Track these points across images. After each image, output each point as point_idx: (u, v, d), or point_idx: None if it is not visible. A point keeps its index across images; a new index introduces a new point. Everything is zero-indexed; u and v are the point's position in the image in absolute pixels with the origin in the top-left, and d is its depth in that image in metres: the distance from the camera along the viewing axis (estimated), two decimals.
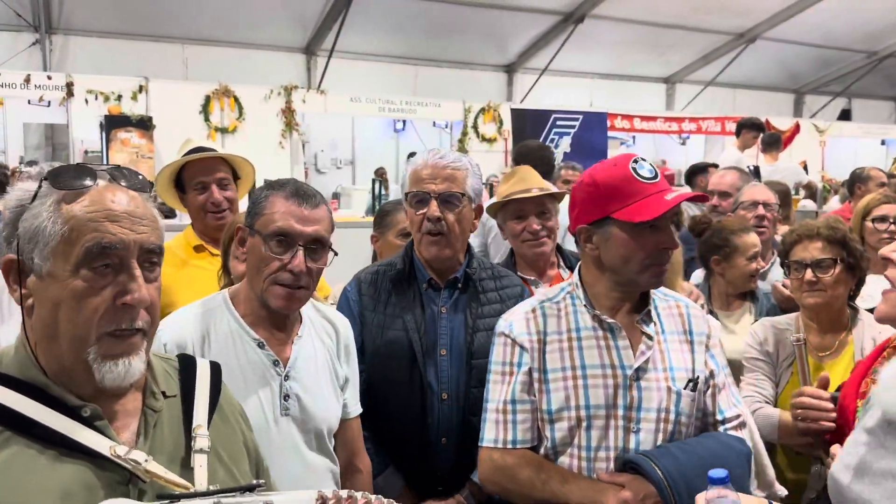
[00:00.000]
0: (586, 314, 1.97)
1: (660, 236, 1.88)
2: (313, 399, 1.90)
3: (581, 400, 1.90)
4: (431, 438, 2.32)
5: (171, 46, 11.96)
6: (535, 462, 1.93)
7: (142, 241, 1.23)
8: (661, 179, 1.90)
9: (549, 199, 3.01)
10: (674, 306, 2.04)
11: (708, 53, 14.81)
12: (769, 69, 15.58)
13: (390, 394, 2.32)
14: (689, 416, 1.93)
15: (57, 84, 10.25)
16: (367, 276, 2.44)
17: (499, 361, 2.01)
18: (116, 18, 11.20)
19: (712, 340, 2.03)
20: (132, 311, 1.22)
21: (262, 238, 1.79)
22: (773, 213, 3.55)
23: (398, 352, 2.30)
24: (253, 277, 1.84)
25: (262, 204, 1.82)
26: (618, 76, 15.26)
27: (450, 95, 12.95)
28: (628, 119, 13.78)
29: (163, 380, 1.38)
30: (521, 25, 13.08)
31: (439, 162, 2.32)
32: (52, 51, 11.27)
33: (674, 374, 1.93)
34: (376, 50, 13.12)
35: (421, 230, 2.32)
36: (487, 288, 2.42)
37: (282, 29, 12.25)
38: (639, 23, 13.13)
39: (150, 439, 1.28)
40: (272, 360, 1.85)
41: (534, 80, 14.23)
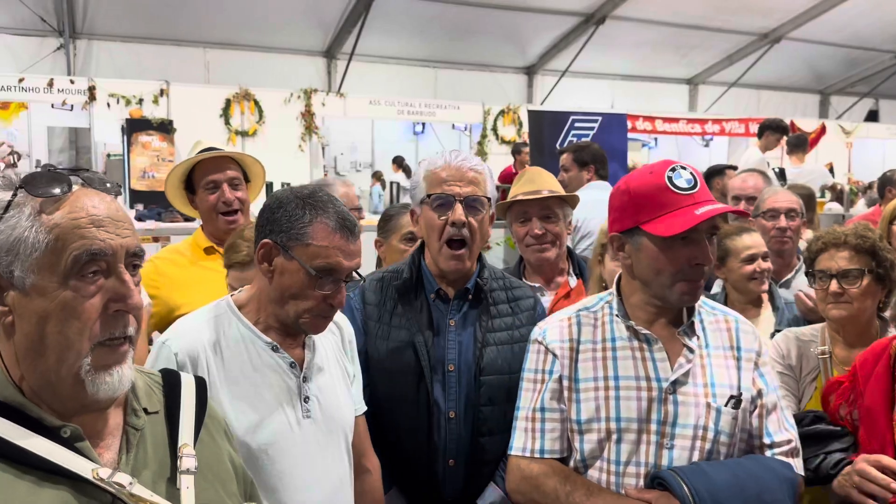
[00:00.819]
0: (622, 325, 1.90)
1: (692, 250, 1.78)
2: (331, 399, 1.85)
3: (612, 412, 1.83)
4: (438, 460, 2.19)
5: (193, 50, 12.05)
6: (561, 473, 1.87)
7: (127, 244, 1.20)
8: (701, 190, 1.79)
9: (557, 203, 2.88)
10: (722, 320, 1.95)
11: (731, 54, 14.65)
12: (794, 70, 15.38)
13: (394, 411, 2.20)
14: (729, 435, 1.83)
15: (79, 88, 10.34)
16: (371, 284, 2.29)
17: (531, 368, 1.96)
18: (139, 23, 11.31)
19: (763, 358, 1.92)
20: (125, 318, 1.19)
21: (304, 269, 1.69)
22: (797, 220, 3.39)
23: (403, 366, 2.17)
24: (284, 301, 1.73)
25: (305, 229, 1.69)
26: (640, 77, 15.14)
27: (470, 98, 12.91)
28: (650, 120, 13.65)
29: (144, 395, 1.33)
30: (541, 27, 13.01)
31: (463, 164, 2.19)
32: (75, 55, 11.39)
33: (714, 390, 1.83)
34: (396, 52, 13.12)
35: (442, 237, 2.16)
36: (499, 300, 2.29)
37: (302, 32, 12.29)
38: (661, 23, 13.01)
39: (133, 459, 1.24)
40: (289, 362, 1.78)
41: (554, 82, 14.16)
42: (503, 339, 2.23)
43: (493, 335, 2.22)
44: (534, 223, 2.85)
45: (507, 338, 2.24)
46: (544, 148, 6.54)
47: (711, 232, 1.81)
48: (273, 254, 1.72)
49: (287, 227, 1.70)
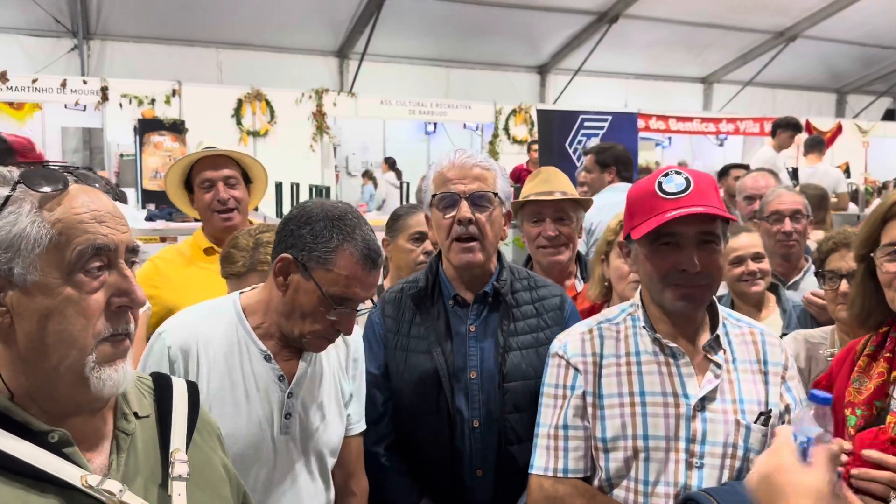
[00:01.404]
0: (647, 337, 1.83)
1: (677, 256, 1.73)
2: (316, 420, 1.80)
3: (639, 429, 1.77)
4: (465, 471, 2.12)
5: (206, 50, 12.10)
6: (587, 493, 1.81)
7: (127, 240, 1.19)
8: (691, 195, 1.72)
9: (571, 205, 2.84)
10: (747, 333, 1.88)
11: (746, 53, 14.54)
12: (810, 68, 15.24)
13: (417, 422, 2.14)
14: (759, 452, 1.70)
15: (92, 88, 10.41)
16: (390, 296, 2.25)
17: (551, 384, 1.88)
18: (153, 23, 11.37)
19: (790, 372, 1.85)
20: (126, 314, 1.18)
21: (320, 293, 1.65)
22: (802, 222, 3.30)
23: (423, 377, 2.11)
24: (293, 317, 1.70)
25: (330, 255, 1.65)
26: (653, 76, 15.06)
27: (482, 97, 12.88)
28: (664, 120, 13.56)
29: (135, 399, 1.30)
30: (553, 26, 12.97)
31: (467, 161, 2.14)
32: (89, 56, 11.47)
33: (743, 407, 1.77)
34: (408, 52, 13.12)
35: (450, 236, 2.11)
36: (522, 301, 2.20)
37: (314, 33, 12.32)
38: (675, 22, 12.93)
39: (124, 464, 1.21)
40: (278, 374, 1.75)
41: (567, 82, 14.11)
42: (527, 342, 2.15)
43: (515, 339, 2.14)
44: (547, 224, 2.80)
45: (532, 341, 2.16)
46: (553, 147, 6.50)
47: (704, 238, 1.73)
48: (291, 270, 1.67)
49: (311, 246, 1.65)
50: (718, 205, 1.74)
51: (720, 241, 1.76)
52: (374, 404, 2.15)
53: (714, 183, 1.81)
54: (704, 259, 1.73)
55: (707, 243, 1.74)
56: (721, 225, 1.77)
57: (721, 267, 1.79)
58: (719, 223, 1.76)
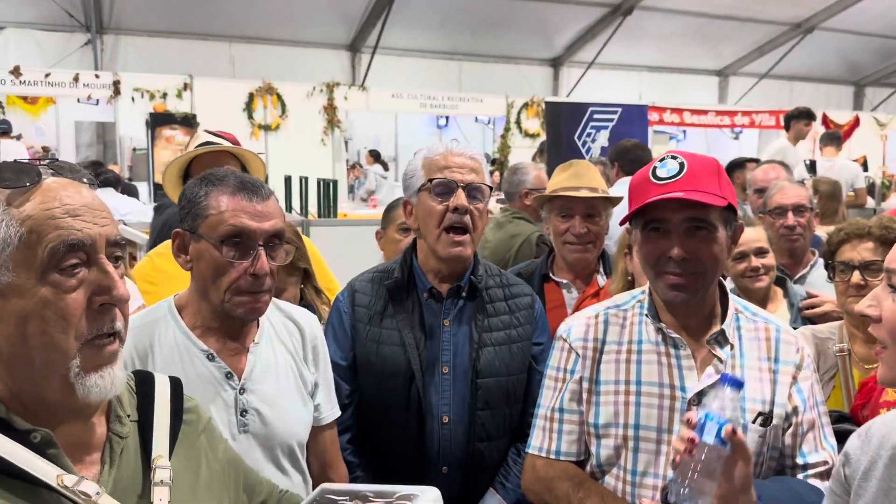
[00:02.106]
0: (651, 326, 1.79)
1: (666, 242, 1.68)
2: (276, 412, 1.73)
3: (630, 418, 1.75)
4: (431, 467, 2.09)
5: (219, 44, 12.13)
6: (576, 477, 1.79)
7: (107, 234, 1.12)
8: (682, 180, 1.66)
9: (601, 203, 2.76)
10: (762, 328, 1.80)
11: (762, 45, 14.39)
12: (827, 60, 15.06)
13: (385, 416, 2.10)
14: (756, 453, 1.69)
15: (104, 83, 10.46)
16: (361, 285, 2.20)
17: (554, 366, 1.88)
18: (165, 17, 11.41)
19: (804, 372, 1.77)
20: (111, 312, 1.12)
21: (212, 243, 1.60)
22: (806, 215, 3.18)
23: (394, 369, 2.07)
24: (207, 288, 1.64)
25: (203, 203, 1.62)
26: (668, 69, 14.93)
27: (494, 91, 12.82)
28: (678, 113, 13.43)
29: (127, 401, 1.25)
30: (567, 18, 12.88)
31: (465, 151, 2.10)
32: (103, 50, 11.52)
33: (743, 405, 1.71)
34: (420, 46, 13.08)
35: (442, 224, 2.04)
36: (495, 297, 2.17)
37: (327, 26, 12.30)
38: (690, 14, 12.81)
39: (117, 469, 1.16)
40: (224, 372, 1.67)
41: (580, 74, 14.01)
42: (500, 339, 2.13)
43: (489, 335, 2.12)
44: (577, 221, 2.73)
45: (505, 338, 2.13)
46: (562, 140, 6.43)
47: (693, 225, 1.67)
48: (186, 241, 1.65)
49: (188, 208, 1.64)
50: (716, 192, 1.67)
51: (715, 230, 1.68)
52: (339, 395, 2.10)
53: (715, 169, 1.73)
54: (692, 246, 1.67)
55: (697, 230, 1.67)
56: (720, 212, 1.69)
57: (716, 256, 1.69)
58: (717, 210, 1.68)
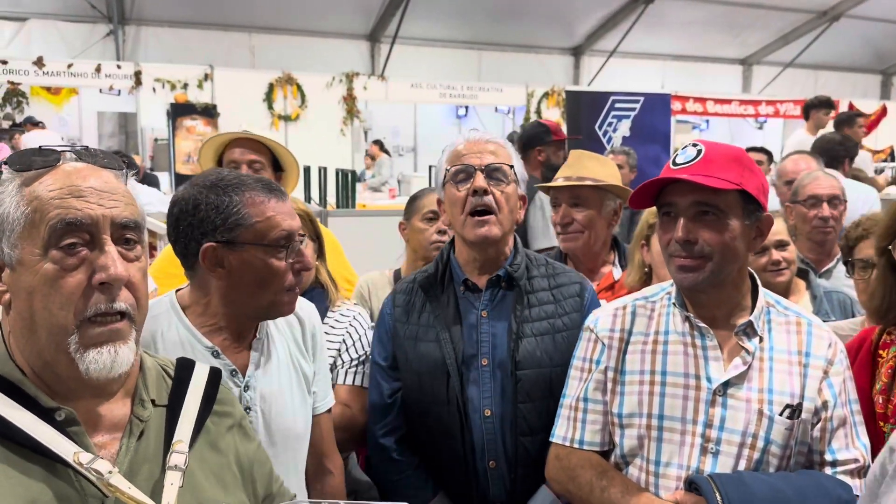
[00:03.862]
0: (678, 316, 1.79)
1: (674, 226, 1.70)
2: (278, 408, 1.74)
3: (655, 408, 1.74)
4: (477, 462, 2.05)
5: (239, 35, 12.15)
6: (599, 467, 1.80)
7: (112, 215, 1.15)
8: (695, 165, 1.67)
9: (591, 191, 2.71)
10: (793, 322, 1.78)
11: (787, 33, 14.18)
12: (854, 49, 14.80)
13: (427, 413, 2.08)
14: (782, 446, 1.69)
15: (126, 73, 10.54)
16: (402, 285, 2.21)
17: (580, 356, 1.90)
18: (187, 8, 11.45)
19: (835, 368, 1.74)
20: (111, 291, 1.14)
21: (262, 249, 1.59)
22: (840, 207, 3.12)
23: (432, 365, 2.05)
24: (252, 293, 1.63)
25: (241, 212, 1.59)
26: (691, 58, 14.76)
27: (514, 80, 12.75)
28: (701, 102, 13.27)
29: (155, 386, 1.29)
30: (588, 6, 12.77)
31: (482, 137, 2.10)
32: (124, 41, 11.59)
33: (771, 397, 1.69)
34: (440, 35, 13.03)
35: (465, 210, 2.02)
36: (538, 287, 2.12)
37: (346, 16, 12.28)
38: (713, 1, 12.66)
39: (134, 451, 1.20)
40: (230, 370, 1.66)
41: (602, 63, 13.89)
42: (542, 328, 2.07)
43: (530, 325, 2.07)
44: (562, 210, 2.73)
45: (548, 327, 2.07)
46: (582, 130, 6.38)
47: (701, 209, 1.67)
48: (220, 255, 1.61)
49: (220, 221, 1.59)
50: (731, 178, 1.66)
51: (726, 216, 1.67)
52: (382, 395, 2.12)
53: (736, 158, 1.71)
54: (698, 231, 1.67)
55: (705, 214, 1.67)
56: (737, 200, 1.68)
57: (725, 242, 1.67)
58: (732, 197, 1.67)
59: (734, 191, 1.66)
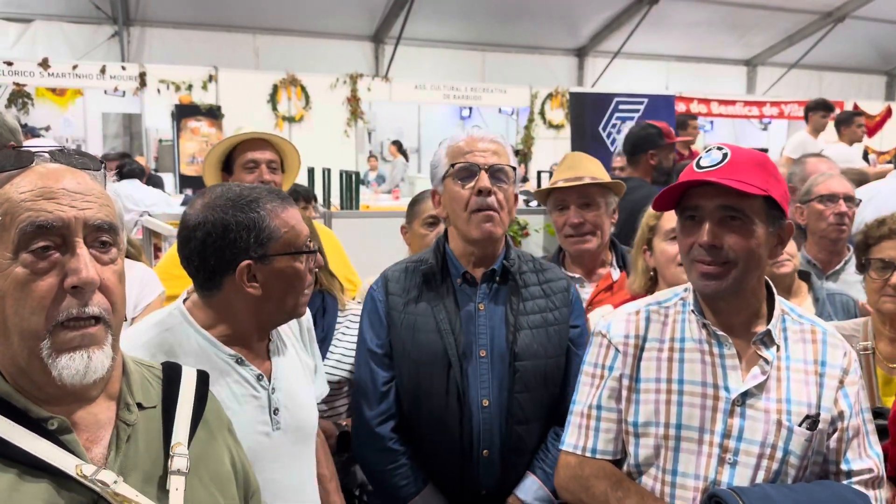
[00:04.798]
0: (694, 323, 1.75)
1: (699, 230, 1.65)
2: (299, 405, 1.78)
3: (672, 417, 1.70)
4: (472, 451, 2.09)
5: (243, 36, 12.18)
6: (613, 477, 1.76)
7: (86, 217, 1.12)
8: (721, 168, 1.63)
9: (598, 191, 2.74)
10: (808, 331, 1.76)
11: (792, 34, 14.15)
12: (859, 49, 14.77)
13: (424, 402, 2.10)
14: (800, 457, 1.67)
15: (130, 74, 10.56)
16: (394, 274, 2.22)
17: (591, 362, 1.84)
18: (191, 10, 11.48)
19: (850, 377, 1.72)
20: (83, 295, 1.11)
21: (291, 255, 1.65)
22: (854, 209, 3.06)
23: (431, 355, 2.08)
24: (282, 299, 1.68)
25: (269, 225, 1.64)
26: (695, 59, 14.74)
27: (519, 81, 12.75)
28: (705, 103, 13.27)
29: (139, 389, 1.26)
30: (592, 7, 12.76)
31: (484, 135, 2.12)
32: (129, 42, 11.62)
33: (789, 407, 1.67)
34: (444, 36, 13.03)
35: (468, 207, 2.06)
36: (530, 282, 2.17)
37: (350, 17, 12.30)
38: (718, 2, 12.64)
39: (122, 455, 1.17)
40: (255, 375, 1.70)
41: (606, 64, 13.88)
42: (537, 322, 2.12)
43: (525, 318, 2.11)
44: (572, 212, 2.72)
45: (541, 321, 2.13)
46: (586, 131, 6.36)
47: (727, 213, 1.63)
48: (254, 270, 1.64)
49: (253, 239, 1.62)
50: (758, 184, 1.63)
51: (752, 222, 1.64)
52: (376, 383, 2.13)
53: (761, 162, 1.69)
54: (724, 235, 1.63)
55: (732, 219, 1.64)
56: (761, 205, 1.65)
57: (751, 248, 1.64)
58: (757, 203, 1.64)
59: (760, 197, 1.64)
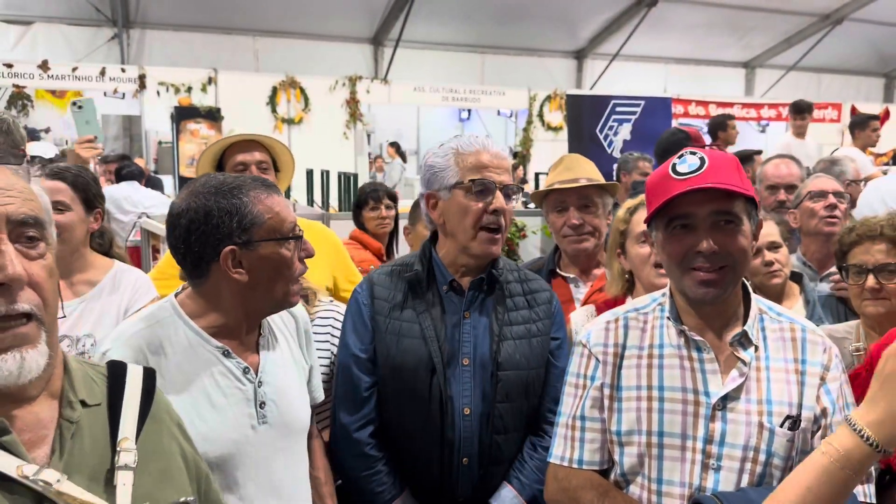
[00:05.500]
0: (672, 329, 1.75)
1: (692, 237, 1.64)
2: (288, 401, 1.79)
3: (654, 425, 1.71)
4: (452, 459, 2.09)
5: (243, 38, 12.20)
6: (600, 487, 1.76)
7: (8, 212, 1.09)
8: (704, 173, 1.63)
9: (595, 192, 2.77)
10: (787, 329, 1.75)
11: (791, 36, 14.18)
12: (857, 52, 14.80)
13: (405, 409, 2.11)
14: (784, 458, 1.66)
15: (130, 76, 10.58)
16: (379, 278, 2.21)
17: (574, 372, 1.84)
18: (191, 12, 11.49)
19: (832, 373, 1.71)
20: (10, 293, 1.08)
21: (276, 243, 1.67)
22: (845, 205, 3.09)
23: (415, 362, 2.07)
24: (270, 287, 1.70)
25: (253, 211, 1.65)
26: (694, 61, 14.76)
27: (517, 84, 12.77)
28: (703, 105, 13.29)
29: (83, 386, 1.23)
30: (591, 9, 12.79)
31: (500, 151, 2.14)
32: (129, 44, 11.64)
33: (770, 409, 1.67)
34: (443, 39, 13.06)
35: (478, 223, 2.08)
36: (514, 292, 2.18)
37: (350, 20, 12.33)
38: (716, 5, 12.67)
39: (68, 454, 1.15)
40: (241, 368, 1.71)
41: (604, 67, 13.91)
42: (520, 332, 2.14)
43: (509, 328, 2.13)
44: (571, 213, 2.75)
45: (525, 332, 2.14)
46: (583, 133, 6.38)
47: (720, 218, 1.64)
48: (238, 256, 1.66)
49: (235, 224, 1.64)
50: (738, 184, 1.64)
51: (741, 222, 1.65)
52: (358, 388, 2.13)
53: (736, 164, 1.70)
54: (721, 240, 1.63)
55: (725, 224, 1.64)
56: (744, 205, 1.67)
57: (745, 249, 1.66)
58: (741, 203, 1.66)
59: (742, 196, 1.66)
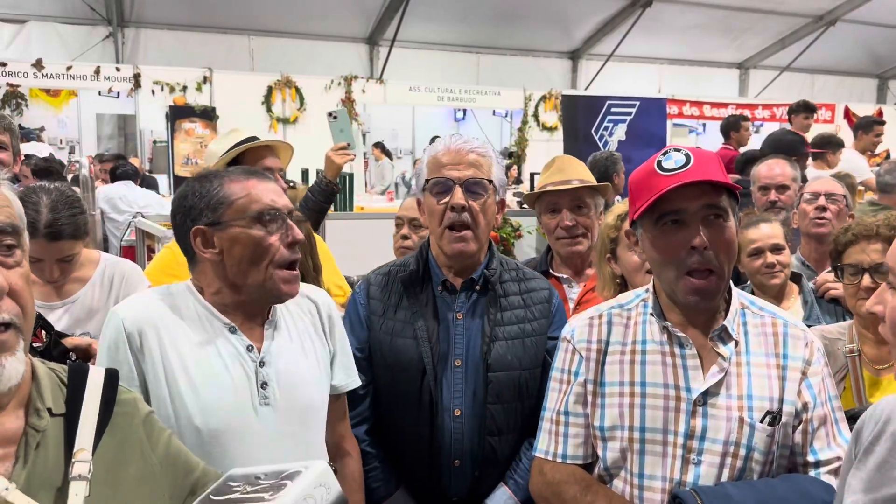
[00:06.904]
0: (655, 325, 1.75)
1: (685, 234, 1.63)
2: (295, 385, 1.77)
3: (636, 420, 1.72)
4: (443, 460, 2.10)
5: (238, 38, 12.18)
6: (583, 481, 1.78)
7: None
8: (691, 169, 1.63)
9: (588, 193, 2.79)
10: (769, 323, 1.76)
11: (784, 37, 14.22)
12: (850, 53, 14.84)
13: (397, 409, 2.12)
14: (765, 453, 1.68)
15: (125, 76, 10.56)
16: (377, 278, 2.22)
17: (559, 368, 1.86)
18: (185, 11, 11.47)
19: (813, 367, 1.72)
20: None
21: (246, 224, 1.66)
22: (839, 205, 3.14)
23: (407, 362, 2.08)
24: (246, 271, 1.69)
25: (221, 193, 1.68)
26: (688, 62, 14.80)
27: (513, 84, 12.79)
28: (697, 106, 13.33)
29: (50, 394, 1.22)
30: (586, 10, 12.81)
31: (463, 146, 2.09)
32: (124, 43, 11.61)
33: (751, 404, 1.68)
34: (438, 39, 13.06)
35: (443, 223, 2.07)
36: (510, 291, 2.16)
37: (345, 19, 12.31)
38: (711, 5, 12.69)
39: (31, 464, 1.14)
40: (245, 345, 1.72)
41: (599, 67, 13.93)
42: (513, 332, 2.12)
43: (502, 329, 2.11)
44: (564, 214, 2.76)
45: (518, 332, 2.13)
46: (578, 133, 6.40)
47: (711, 212, 1.64)
48: (208, 235, 1.69)
49: (204, 205, 1.68)
50: (724, 178, 1.66)
51: (728, 217, 1.67)
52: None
53: (717, 159, 1.72)
54: (713, 235, 1.64)
55: (715, 218, 1.65)
56: (728, 200, 1.67)
57: (733, 244, 1.67)
58: (726, 198, 1.67)
59: (726, 191, 1.67)
